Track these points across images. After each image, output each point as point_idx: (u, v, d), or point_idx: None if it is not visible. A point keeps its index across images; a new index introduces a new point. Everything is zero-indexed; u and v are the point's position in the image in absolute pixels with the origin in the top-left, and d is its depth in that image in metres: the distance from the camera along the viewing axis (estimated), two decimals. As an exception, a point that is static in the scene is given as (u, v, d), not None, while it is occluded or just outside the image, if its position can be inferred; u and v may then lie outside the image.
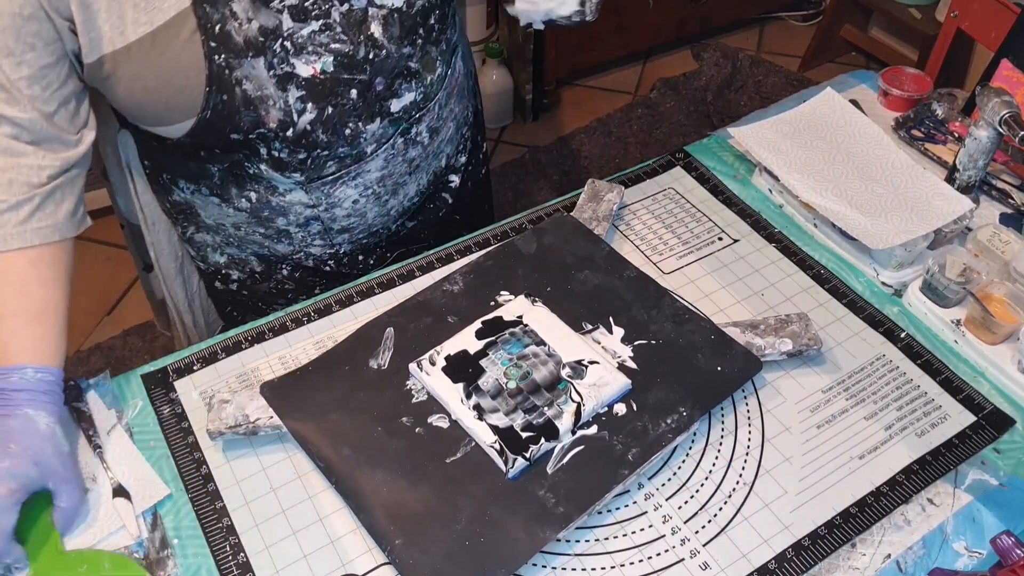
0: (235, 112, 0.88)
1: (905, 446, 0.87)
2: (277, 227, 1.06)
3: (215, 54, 0.84)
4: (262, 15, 0.85)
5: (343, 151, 0.97)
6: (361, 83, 0.93)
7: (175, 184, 1.05)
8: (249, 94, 0.88)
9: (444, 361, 0.89)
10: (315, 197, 1.02)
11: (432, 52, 0.98)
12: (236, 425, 0.86)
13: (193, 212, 1.08)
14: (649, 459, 0.82)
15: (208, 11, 0.83)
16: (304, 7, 0.87)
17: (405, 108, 0.99)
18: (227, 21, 0.84)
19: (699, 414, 0.85)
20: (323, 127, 0.93)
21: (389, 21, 0.91)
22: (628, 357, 0.91)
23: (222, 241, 1.11)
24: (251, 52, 0.86)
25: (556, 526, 0.77)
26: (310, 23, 0.88)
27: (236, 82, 0.87)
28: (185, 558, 0.80)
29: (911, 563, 0.79)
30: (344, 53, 0.90)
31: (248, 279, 1.15)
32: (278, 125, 0.91)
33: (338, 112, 0.93)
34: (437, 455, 0.83)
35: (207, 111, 0.87)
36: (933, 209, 1.02)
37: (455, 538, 0.77)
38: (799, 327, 0.94)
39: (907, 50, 2.67)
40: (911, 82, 1.26)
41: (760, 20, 3.04)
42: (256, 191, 1.01)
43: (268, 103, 0.89)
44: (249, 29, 0.85)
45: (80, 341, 2.03)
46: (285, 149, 0.94)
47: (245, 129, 0.90)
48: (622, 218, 1.11)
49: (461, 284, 0.99)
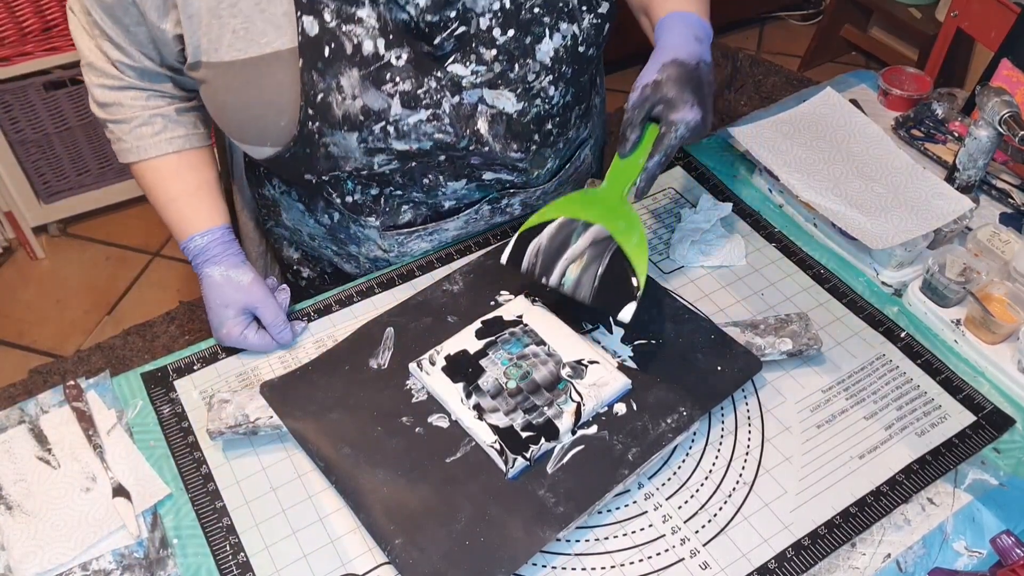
0: (314, 161, 0.89)
1: (905, 446, 0.87)
2: (348, 251, 1.07)
3: (310, 120, 0.84)
4: (370, 95, 0.84)
5: (418, 197, 0.97)
6: (453, 158, 0.92)
7: (269, 180, 1.07)
8: (332, 153, 0.88)
9: (444, 361, 0.89)
10: (389, 244, 1.02)
11: (546, 153, 0.97)
12: (236, 425, 0.86)
13: (277, 209, 1.10)
14: (649, 459, 0.82)
15: (315, 78, 0.82)
16: (416, 95, 0.86)
17: (500, 181, 0.98)
18: (331, 93, 0.83)
19: (699, 414, 0.85)
20: (401, 173, 0.93)
21: (496, 122, 0.90)
22: (628, 357, 0.91)
23: (297, 240, 1.13)
24: (346, 127, 0.85)
25: (556, 526, 0.78)
26: (419, 111, 0.86)
27: (323, 145, 0.87)
28: (185, 557, 0.80)
29: (911, 563, 0.80)
30: (446, 142, 0.89)
31: (318, 279, 1.16)
32: (353, 170, 0.91)
33: (420, 167, 0.93)
34: (437, 455, 0.83)
35: (286, 153, 0.88)
36: (933, 209, 1.02)
37: (455, 538, 0.77)
38: (799, 327, 0.94)
39: (907, 50, 2.67)
40: (911, 82, 1.26)
41: (760, 20, 3.04)
42: (340, 212, 1.02)
43: (349, 160, 0.89)
44: (352, 106, 0.84)
45: (80, 341, 2.03)
46: (358, 189, 0.95)
47: (319, 172, 0.91)
48: (622, 218, 1.11)
49: (461, 284, 0.99)
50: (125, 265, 2.19)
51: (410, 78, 0.85)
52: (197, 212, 0.95)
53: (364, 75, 0.83)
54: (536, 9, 0.88)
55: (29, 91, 1.97)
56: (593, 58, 0.95)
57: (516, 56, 0.88)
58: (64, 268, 2.18)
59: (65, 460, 0.86)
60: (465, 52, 0.86)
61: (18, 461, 0.86)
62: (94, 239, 2.23)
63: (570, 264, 0.86)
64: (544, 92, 0.91)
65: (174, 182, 0.95)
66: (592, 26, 0.92)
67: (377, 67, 0.83)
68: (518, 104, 0.90)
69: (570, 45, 0.91)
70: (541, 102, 0.92)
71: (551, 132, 0.95)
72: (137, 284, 2.16)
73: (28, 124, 2.02)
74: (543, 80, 0.91)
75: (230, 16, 0.80)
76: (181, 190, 0.95)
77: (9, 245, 2.20)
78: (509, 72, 0.88)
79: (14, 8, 1.88)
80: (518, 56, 0.88)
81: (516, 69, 0.88)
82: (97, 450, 0.87)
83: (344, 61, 0.82)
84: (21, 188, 2.08)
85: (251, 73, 0.83)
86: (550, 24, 0.88)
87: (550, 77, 0.91)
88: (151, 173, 0.95)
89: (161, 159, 0.94)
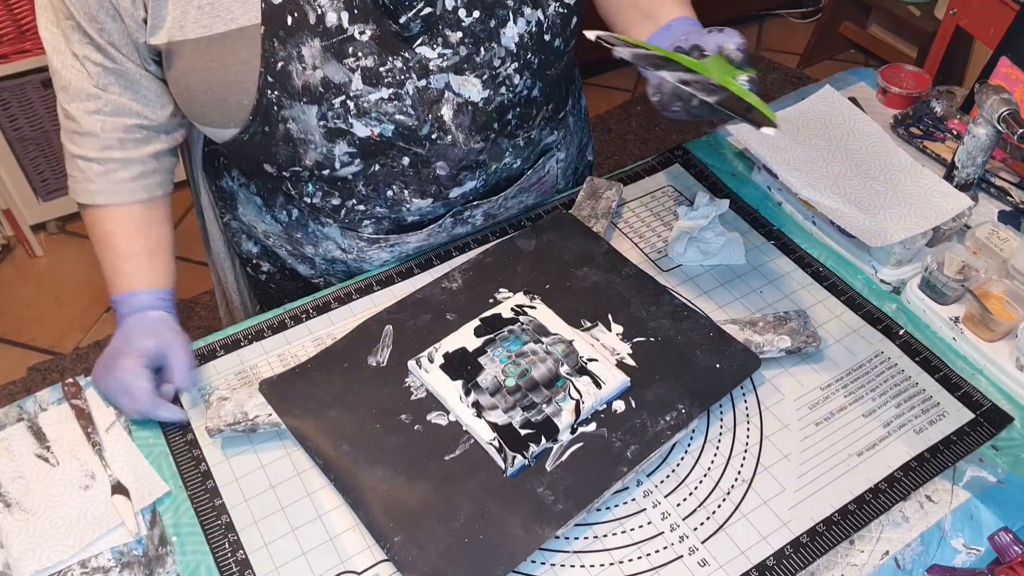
0: (273, 144, 0.88)
1: (903, 443, 0.87)
2: (304, 253, 1.06)
3: (269, 88, 0.83)
4: (331, 67, 0.84)
5: (381, 211, 0.96)
6: (416, 155, 0.91)
7: (228, 171, 1.06)
8: (292, 133, 0.87)
9: (442, 359, 0.89)
10: (348, 245, 1.02)
11: (503, 144, 0.97)
12: (235, 423, 0.86)
13: (233, 203, 1.09)
14: (648, 456, 0.82)
15: (276, 46, 0.81)
16: (378, 72, 0.85)
17: (464, 194, 0.99)
18: (291, 62, 0.82)
19: (698, 411, 0.86)
20: (364, 180, 0.92)
21: (462, 111, 0.90)
22: (627, 354, 0.91)
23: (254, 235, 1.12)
24: (306, 98, 0.85)
25: (555, 523, 0.78)
26: (380, 89, 0.86)
27: (282, 120, 0.86)
28: (184, 555, 0.80)
29: (909, 560, 0.80)
30: (407, 126, 0.89)
31: (278, 273, 1.15)
32: (314, 165, 0.90)
33: (384, 172, 0.92)
34: (436, 452, 0.83)
35: (245, 134, 0.87)
36: (932, 206, 1.02)
37: (454, 535, 0.77)
38: (797, 324, 0.94)
39: (906, 47, 2.67)
40: (910, 79, 1.26)
41: (759, 17, 3.04)
42: (300, 208, 1.01)
43: (309, 147, 0.88)
44: (311, 76, 0.84)
45: (79, 338, 2.03)
46: (319, 192, 0.94)
47: (280, 163, 0.90)
48: (621, 215, 1.11)
49: (460, 281, 0.99)
50: (124, 263, 2.19)
51: (373, 54, 0.84)
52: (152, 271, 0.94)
53: (326, 46, 0.83)
54: None
55: (27, 88, 1.96)
56: (561, 52, 0.95)
57: (481, 39, 0.88)
58: (62, 266, 2.17)
59: (64, 458, 0.86)
60: (432, 35, 0.86)
61: (17, 459, 0.86)
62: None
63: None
64: (509, 80, 0.91)
65: (137, 235, 0.94)
66: (558, 15, 0.92)
67: (339, 40, 0.83)
68: (484, 91, 0.90)
69: (535, 32, 0.91)
70: (506, 90, 0.92)
71: (510, 122, 0.95)
72: (136, 282, 2.16)
73: (26, 121, 2.02)
74: (508, 67, 0.90)
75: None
76: (143, 246, 0.94)
77: (7, 243, 2.20)
78: (475, 55, 0.88)
79: (12, 6, 1.87)
80: (483, 39, 0.88)
81: (482, 53, 0.88)
82: (96, 448, 0.87)
83: (306, 31, 0.82)
84: (19, 186, 2.08)
85: (216, 50, 0.82)
86: (514, 8, 0.88)
87: (515, 64, 0.91)
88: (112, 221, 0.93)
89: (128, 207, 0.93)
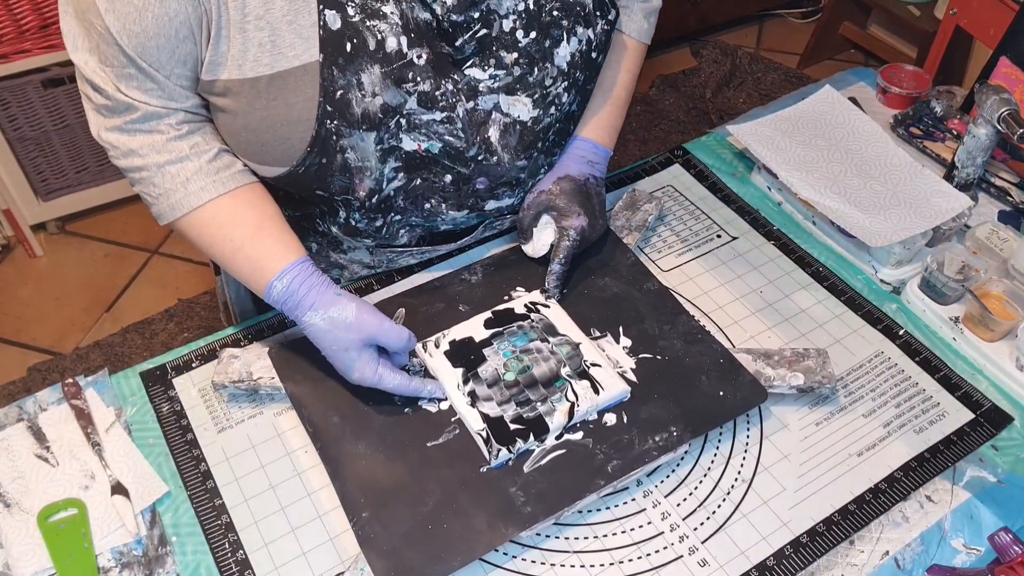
0: (330, 175, 0.86)
1: (903, 443, 0.87)
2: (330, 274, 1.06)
3: (328, 119, 0.81)
4: (389, 93, 0.83)
5: (416, 220, 0.96)
6: (459, 174, 0.91)
7: None
8: (350, 163, 0.86)
9: (448, 345, 0.89)
10: (378, 260, 1.02)
11: (540, 161, 0.97)
12: (239, 380, 0.89)
13: None
14: (628, 474, 0.81)
15: (335, 75, 0.80)
16: (434, 96, 0.85)
17: (499, 209, 1.00)
18: (351, 90, 0.81)
19: (689, 436, 0.84)
20: (405, 195, 0.92)
21: (509, 131, 0.90)
22: (629, 368, 0.90)
23: None
24: (365, 126, 0.83)
25: (519, 524, 0.77)
26: (434, 112, 0.86)
27: (340, 149, 0.84)
28: (184, 555, 0.80)
29: (909, 560, 0.80)
30: (455, 146, 0.89)
31: None
32: (367, 194, 0.89)
33: (425, 186, 0.92)
34: (419, 437, 0.84)
35: (301, 167, 0.85)
36: (932, 206, 1.02)
37: (418, 520, 0.78)
38: (815, 363, 0.90)
39: (906, 47, 2.67)
40: (910, 79, 1.26)
41: (759, 17, 3.04)
42: (319, 243, 1.01)
43: (365, 174, 0.87)
44: (371, 104, 0.82)
45: (79, 338, 2.03)
46: (364, 219, 0.93)
47: (333, 192, 0.89)
48: (655, 229, 1.11)
49: (480, 275, 1.00)
50: (124, 263, 2.18)
51: (430, 78, 0.84)
52: (267, 254, 0.85)
53: (386, 72, 0.82)
54: (555, 12, 0.88)
55: (27, 88, 1.96)
56: (600, 66, 0.96)
57: (536, 59, 0.88)
58: (63, 266, 2.17)
59: (64, 458, 0.86)
60: (484, 56, 0.86)
61: (16, 459, 0.86)
62: (92, 236, 2.22)
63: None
64: (558, 99, 0.92)
65: (233, 228, 0.85)
66: (604, 32, 0.93)
67: (400, 65, 0.82)
68: (534, 111, 0.91)
69: (585, 50, 0.91)
70: (555, 109, 0.92)
71: (550, 139, 0.96)
72: (136, 282, 2.15)
73: (26, 121, 2.02)
74: (559, 86, 0.91)
75: (256, 30, 0.77)
76: (243, 236, 0.85)
77: (8, 243, 2.20)
78: (528, 76, 0.89)
79: (12, 5, 1.87)
80: (538, 60, 0.88)
81: (535, 73, 0.89)
82: (96, 448, 0.87)
83: (366, 57, 0.80)
84: (19, 186, 2.08)
85: (278, 88, 0.80)
86: (568, 28, 0.89)
87: (565, 83, 0.91)
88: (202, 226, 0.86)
89: (210, 205, 0.85)
